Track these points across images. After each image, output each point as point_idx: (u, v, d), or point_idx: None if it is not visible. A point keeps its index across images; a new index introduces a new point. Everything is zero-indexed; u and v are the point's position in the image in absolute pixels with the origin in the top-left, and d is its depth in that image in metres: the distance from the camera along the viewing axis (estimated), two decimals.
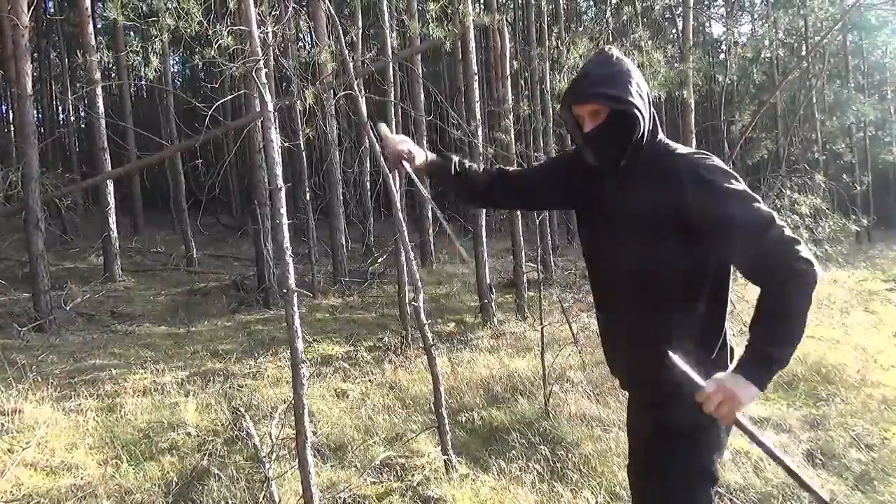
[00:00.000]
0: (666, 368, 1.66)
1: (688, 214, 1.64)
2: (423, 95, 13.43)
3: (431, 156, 2.12)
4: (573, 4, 23.41)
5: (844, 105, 19.01)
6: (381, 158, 3.48)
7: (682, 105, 10.70)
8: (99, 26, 20.11)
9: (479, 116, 7.93)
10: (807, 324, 1.56)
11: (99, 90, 11.70)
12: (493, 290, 8.37)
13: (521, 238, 8.26)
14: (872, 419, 4.15)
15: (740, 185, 1.64)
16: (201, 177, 12.16)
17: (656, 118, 1.74)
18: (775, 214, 1.60)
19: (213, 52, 4.09)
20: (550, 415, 4.33)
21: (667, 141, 1.78)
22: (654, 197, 1.69)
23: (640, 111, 1.65)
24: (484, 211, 8.25)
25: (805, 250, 1.53)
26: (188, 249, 13.85)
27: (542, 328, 4.89)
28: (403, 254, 5.37)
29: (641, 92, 1.68)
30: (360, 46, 11.93)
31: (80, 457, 3.99)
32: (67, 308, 9.02)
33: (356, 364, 6.18)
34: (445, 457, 3.62)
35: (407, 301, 7.04)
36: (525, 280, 8.34)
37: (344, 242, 11.66)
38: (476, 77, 8.22)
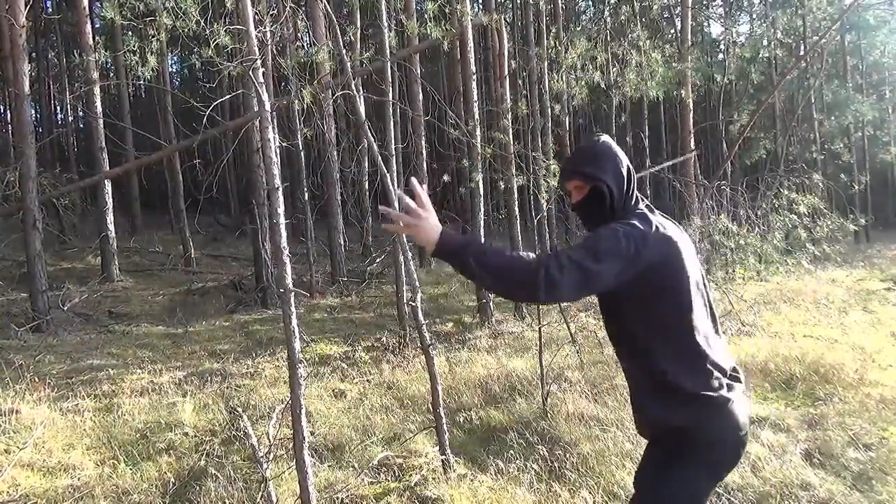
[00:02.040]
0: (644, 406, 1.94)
1: None
2: (421, 95, 13.41)
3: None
4: (571, 4, 23.43)
5: (843, 105, 19.05)
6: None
7: (681, 105, 10.73)
8: (97, 26, 20.09)
9: (477, 116, 7.93)
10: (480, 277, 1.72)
11: (97, 90, 11.69)
12: None
13: (520, 238, 8.26)
14: (870, 418, 4.15)
15: (596, 246, 1.77)
16: (199, 177, 12.14)
17: (630, 190, 1.95)
18: (571, 263, 1.72)
19: (210, 52, 4.08)
20: (548, 414, 4.32)
21: (635, 210, 1.93)
22: None
23: (610, 188, 1.91)
24: (482, 210, 8.24)
25: (545, 274, 1.66)
26: (186, 249, 13.84)
27: (539, 328, 4.88)
28: (401, 254, 5.36)
29: (619, 170, 1.94)
30: (358, 46, 11.93)
31: (77, 457, 3.98)
32: (65, 308, 9.01)
33: (354, 364, 6.17)
34: (443, 457, 3.62)
35: (405, 301, 7.04)
36: None
37: (342, 242, 11.66)
38: (474, 77, 8.22)
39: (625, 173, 1.95)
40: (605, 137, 2.03)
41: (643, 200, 1.99)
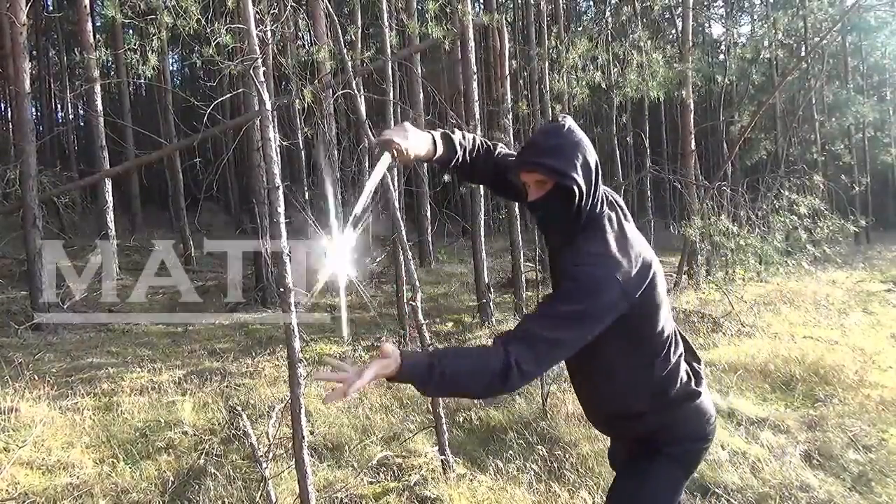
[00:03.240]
0: (610, 417, 1.90)
1: None
2: (422, 95, 13.41)
3: (438, 145, 1.87)
4: (572, 4, 23.42)
5: (843, 106, 19.03)
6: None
7: (681, 105, 10.71)
8: (98, 24, 20.08)
9: (478, 116, 7.92)
10: (460, 391, 1.67)
11: (97, 88, 11.69)
12: (492, 289, 8.37)
13: (520, 238, 8.26)
14: (870, 420, 4.15)
15: (580, 305, 1.58)
16: (200, 175, 12.14)
17: (597, 189, 1.72)
18: (547, 345, 1.56)
19: (211, 51, 4.08)
20: (548, 415, 4.33)
21: (602, 215, 1.73)
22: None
23: (579, 187, 1.65)
24: (482, 210, 8.24)
25: (517, 373, 1.52)
26: (186, 248, 13.83)
27: None
28: (401, 253, 5.35)
29: (588, 165, 1.68)
30: (358, 45, 11.90)
31: (76, 455, 3.98)
32: (65, 307, 9.00)
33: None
34: (443, 456, 3.62)
35: (405, 301, 7.03)
36: (523, 279, 8.33)
37: None
38: (475, 76, 8.21)
39: (593, 167, 1.68)
40: (570, 122, 1.72)
41: (607, 198, 1.78)
